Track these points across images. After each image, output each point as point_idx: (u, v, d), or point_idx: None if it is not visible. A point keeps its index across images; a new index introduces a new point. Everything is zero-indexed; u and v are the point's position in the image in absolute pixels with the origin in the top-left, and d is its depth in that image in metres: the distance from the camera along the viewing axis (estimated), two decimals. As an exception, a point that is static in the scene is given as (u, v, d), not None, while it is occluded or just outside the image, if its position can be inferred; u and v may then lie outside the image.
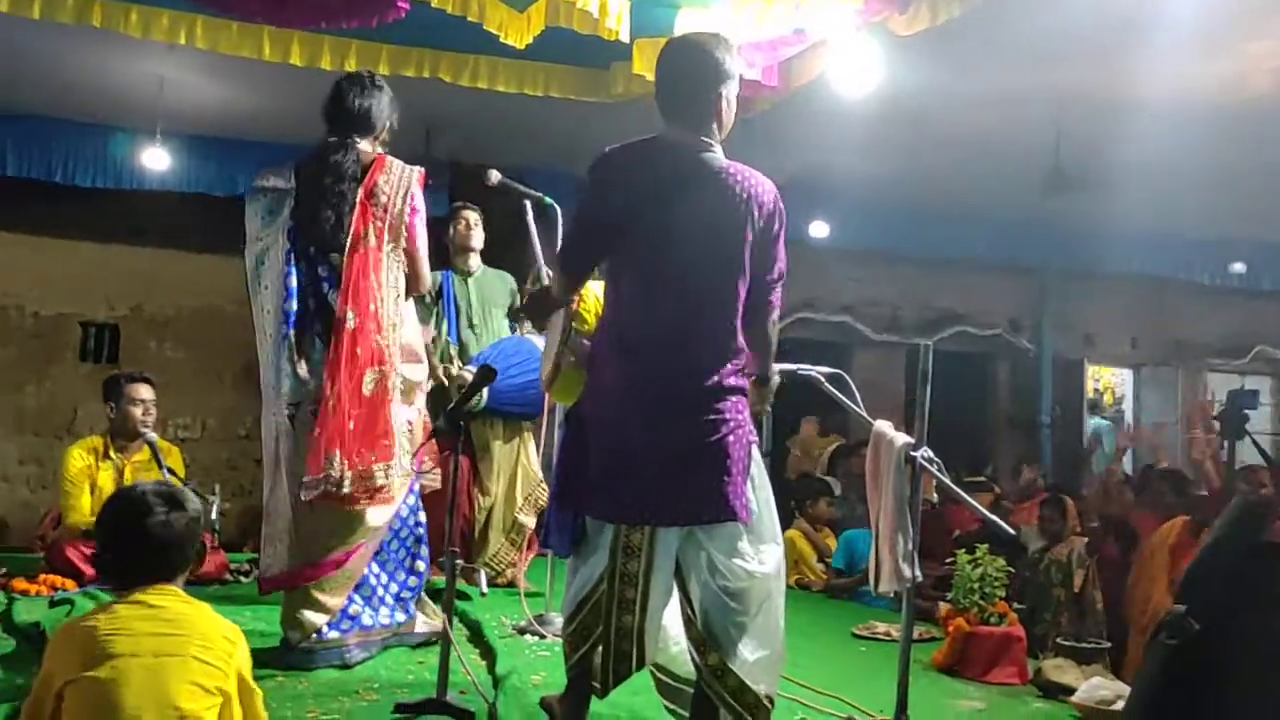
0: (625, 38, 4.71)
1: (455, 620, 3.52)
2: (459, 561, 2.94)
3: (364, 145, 3.47)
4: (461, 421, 3.12)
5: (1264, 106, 5.93)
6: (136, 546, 2.06)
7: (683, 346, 2.62)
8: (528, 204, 4.11)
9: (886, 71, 5.15)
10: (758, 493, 2.69)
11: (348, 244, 3.32)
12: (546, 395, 3.89)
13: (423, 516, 3.65)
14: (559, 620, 3.76)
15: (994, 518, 2.76)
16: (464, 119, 6.80)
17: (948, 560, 3.76)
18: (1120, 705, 3.03)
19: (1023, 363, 9.81)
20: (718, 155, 2.67)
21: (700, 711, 2.67)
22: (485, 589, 4.53)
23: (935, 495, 2.90)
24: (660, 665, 2.87)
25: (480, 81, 5.77)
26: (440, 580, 4.30)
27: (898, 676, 2.91)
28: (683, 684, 2.80)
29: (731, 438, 2.61)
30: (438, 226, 4.42)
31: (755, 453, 2.70)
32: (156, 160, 7.01)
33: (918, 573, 2.85)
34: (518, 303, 5.05)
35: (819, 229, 7.99)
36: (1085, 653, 3.58)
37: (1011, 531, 2.83)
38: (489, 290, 5.04)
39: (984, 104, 6.17)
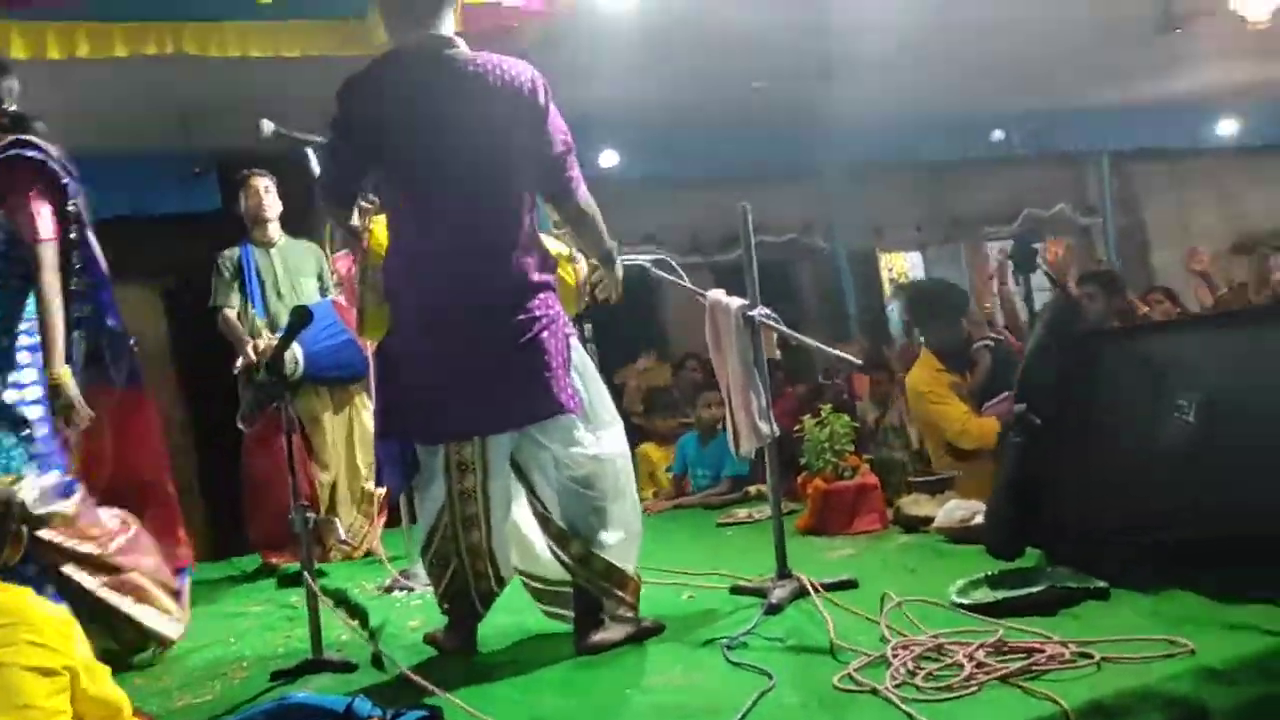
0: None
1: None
2: (310, 515, 2.77)
3: None
4: (273, 393, 3.00)
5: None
6: None
7: (474, 251, 2.58)
8: (309, 152, 3.93)
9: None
10: (586, 381, 2.70)
11: None
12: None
13: None
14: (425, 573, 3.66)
15: (837, 351, 2.84)
16: (225, 100, 6.39)
17: (794, 429, 3.84)
18: (978, 519, 3.18)
19: (823, 262, 10.16)
20: (461, 50, 2.62)
21: (582, 605, 2.67)
22: (343, 534, 4.38)
23: (778, 353, 2.94)
24: (531, 574, 2.85)
25: (231, 50, 5.40)
26: (291, 565, 4.16)
27: (774, 536, 2.98)
28: (558, 586, 2.79)
29: (546, 333, 2.60)
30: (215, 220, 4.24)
31: (575, 343, 2.71)
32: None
33: (775, 428, 2.89)
34: (327, 272, 4.86)
35: (609, 159, 8.00)
36: (935, 484, 3.75)
37: (857, 361, 2.94)
38: (294, 259, 4.84)
39: (745, 6, 6.18)
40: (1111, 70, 8.67)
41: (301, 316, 2.89)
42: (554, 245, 2.85)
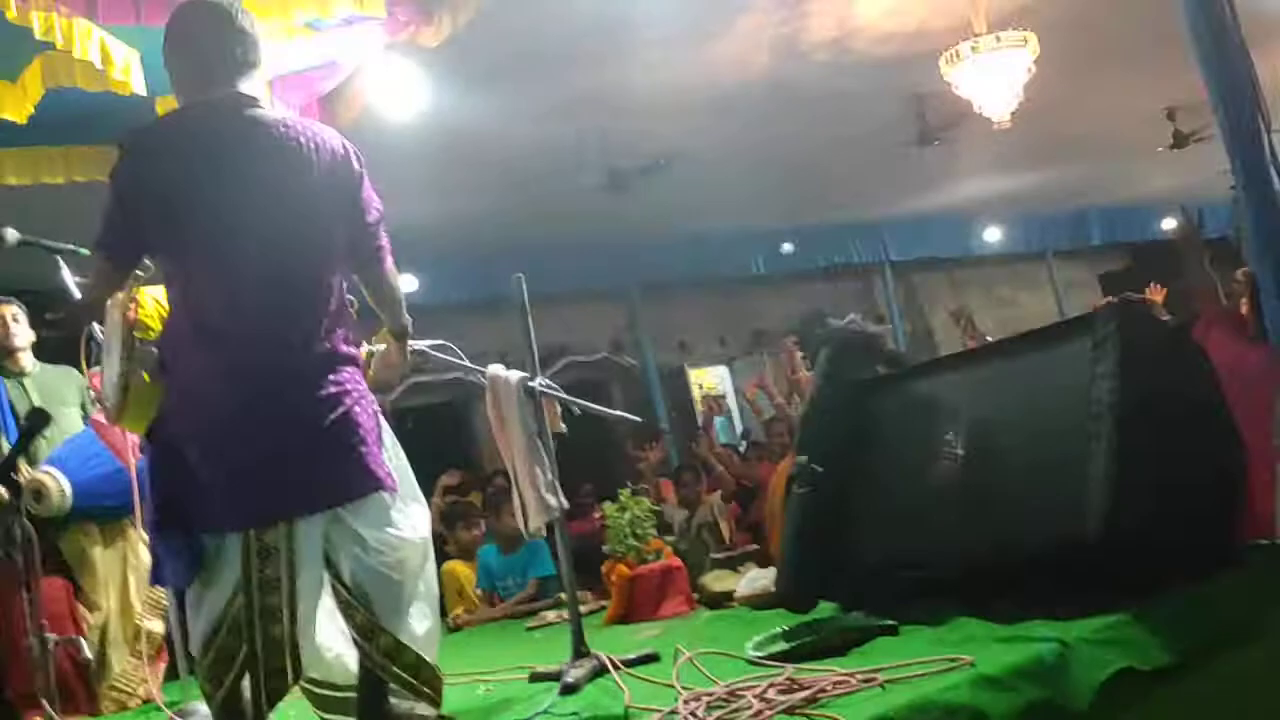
0: (139, 89, 4.36)
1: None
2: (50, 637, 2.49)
3: None
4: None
5: (771, 81, 6.18)
6: None
7: (278, 319, 2.41)
8: (60, 260, 3.72)
9: (434, 100, 5.15)
10: (394, 459, 2.57)
11: None
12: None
13: None
14: (204, 709, 3.35)
15: (621, 413, 2.82)
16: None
17: (597, 515, 3.78)
18: (777, 585, 3.17)
19: (633, 379, 10.29)
20: (267, 111, 2.50)
21: (366, 707, 2.47)
22: (87, 654, 3.93)
23: (563, 427, 2.88)
24: (316, 680, 2.62)
25: (-14, 178, 5.13)
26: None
27: (569, 615, 2.88)
28: (346, 691, 2.57)
29: (357, 407, 2.45)
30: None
31: (381, 419, 2.57)
32: None
33: (562, 500, 2.83)
34: (89, 397, 4.54)
35: (409, 284, 7.92)
36: (737, 560, 3.74)
37: (637, 418, 2.92)
38: (51, 388, 4.49)
39: (531, 121, 6.28)
40: (883, 184, 9.28)
41: (38, 419, 2.67)
42: None
